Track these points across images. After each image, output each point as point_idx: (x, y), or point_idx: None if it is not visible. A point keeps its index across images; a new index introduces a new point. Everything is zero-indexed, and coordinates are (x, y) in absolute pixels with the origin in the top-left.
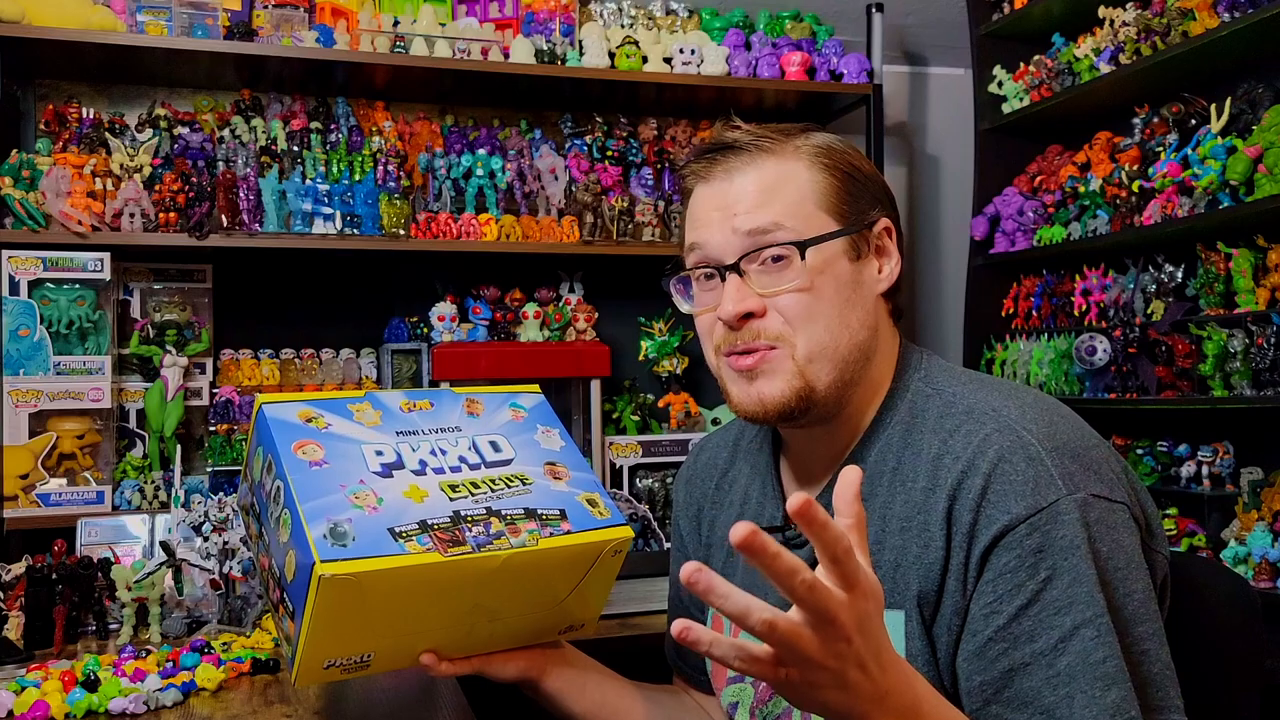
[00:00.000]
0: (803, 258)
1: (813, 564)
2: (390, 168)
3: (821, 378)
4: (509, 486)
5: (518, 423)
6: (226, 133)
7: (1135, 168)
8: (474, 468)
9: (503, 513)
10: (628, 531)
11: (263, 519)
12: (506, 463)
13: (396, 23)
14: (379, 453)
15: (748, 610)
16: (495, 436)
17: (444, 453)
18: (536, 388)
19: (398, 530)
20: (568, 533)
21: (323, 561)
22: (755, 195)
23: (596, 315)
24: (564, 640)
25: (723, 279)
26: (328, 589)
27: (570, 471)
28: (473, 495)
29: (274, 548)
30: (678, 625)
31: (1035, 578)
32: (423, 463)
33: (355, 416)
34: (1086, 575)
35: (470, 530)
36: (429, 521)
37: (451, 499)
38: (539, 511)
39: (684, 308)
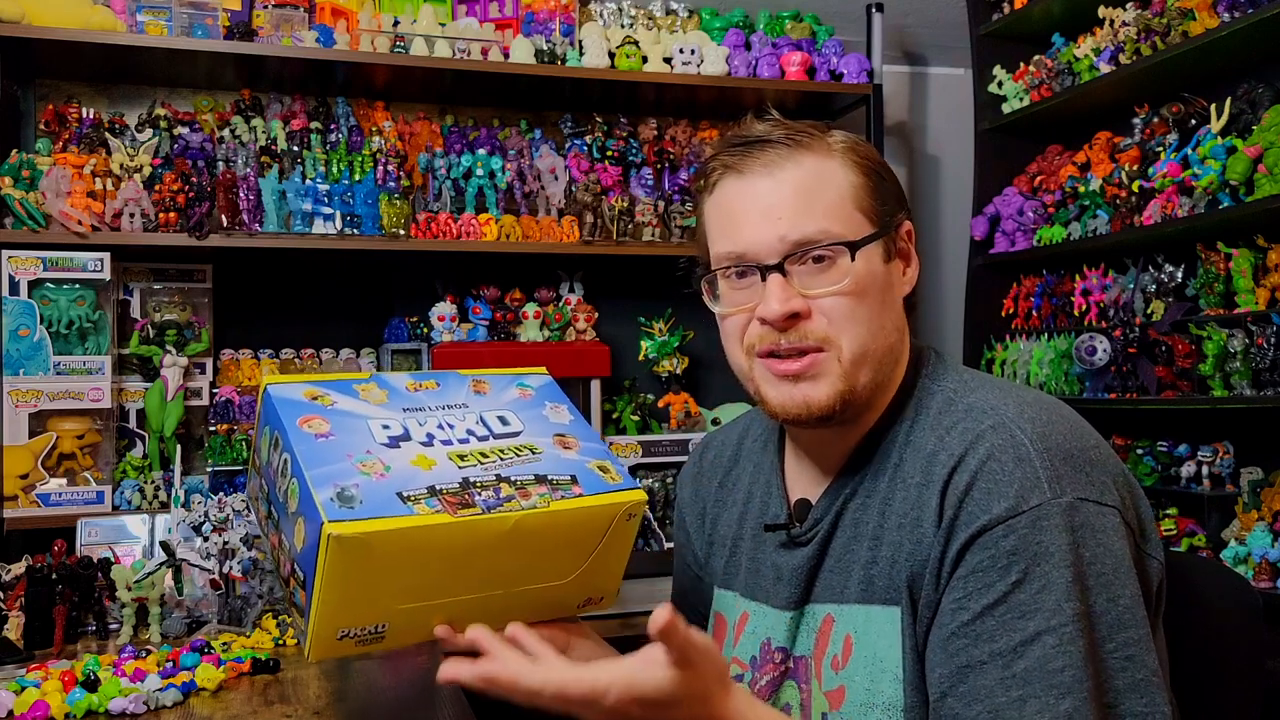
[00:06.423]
0: (852, 259)
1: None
2: (390, 168)
3: (861, 380)
4: (518, 455)
5: (525, 400)
6: (226, 133)
7: (1135, 168)
8: (482, 439)
9: (512, 478)
10: (640, 495)
11: (272, 498)
12: (515, 434)
13: (396, 23)
14: (386, 426)
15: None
16: (503, 411)
17: (452, 426)
18: (543, 369)
19: (406, 494)
20: (579, 496)
21: (330, 521)
22: (797, 199)
23: (596, 315)
24: (582, 616)
25: (763, 278)
26: (337, 549)
27: (580, 442)
28: (481, 464)
29: (283, 522)
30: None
31: (1005, 579)
32: (430, 435)
33: (361, 395)
34: (1057, 583)
35: (480, 494)
36: (438, 486)
37: (460, 467)
38: (549, 477)
39: (714, 307)
